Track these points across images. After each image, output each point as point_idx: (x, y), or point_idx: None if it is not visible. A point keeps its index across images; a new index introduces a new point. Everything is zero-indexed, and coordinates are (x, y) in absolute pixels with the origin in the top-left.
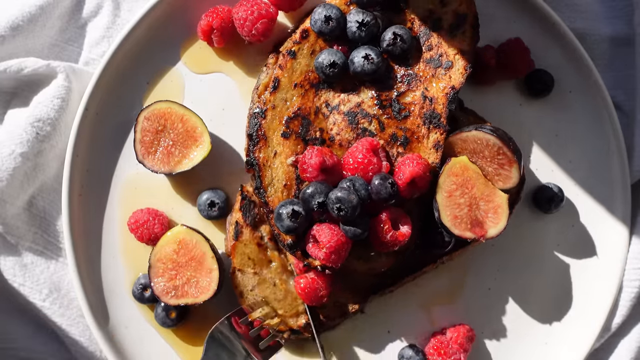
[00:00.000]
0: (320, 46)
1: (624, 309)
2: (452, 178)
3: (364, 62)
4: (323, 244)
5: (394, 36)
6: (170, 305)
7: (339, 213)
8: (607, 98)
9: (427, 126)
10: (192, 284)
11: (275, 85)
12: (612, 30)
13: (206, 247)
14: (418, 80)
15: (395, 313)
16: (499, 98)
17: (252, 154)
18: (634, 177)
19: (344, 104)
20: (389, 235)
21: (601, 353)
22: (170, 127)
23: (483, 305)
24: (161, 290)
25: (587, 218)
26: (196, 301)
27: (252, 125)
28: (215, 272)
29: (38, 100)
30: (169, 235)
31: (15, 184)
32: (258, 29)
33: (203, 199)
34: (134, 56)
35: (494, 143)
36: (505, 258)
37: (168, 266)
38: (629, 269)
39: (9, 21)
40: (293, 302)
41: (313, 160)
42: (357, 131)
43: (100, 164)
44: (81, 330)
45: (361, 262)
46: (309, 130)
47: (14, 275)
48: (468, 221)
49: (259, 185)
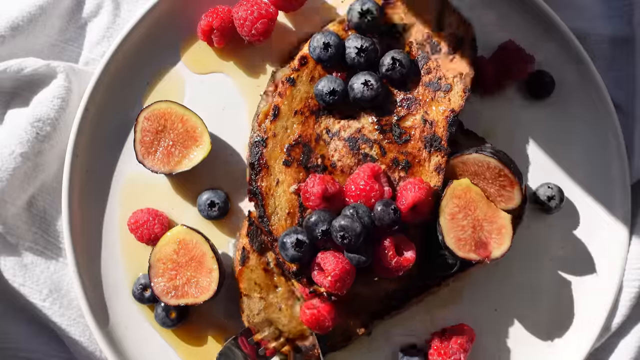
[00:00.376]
0: (319, 72)
1: (624, 309)
2: (455, 200)
3: (363, 89)
4: (328, 272)
5: (392, 61)
6: (171, 305)
7: (343, 241)
8: (607, 98)
9: (428, 150)
10: (192, 284)
11: (275, 113)
12: (612, 30)
13: (206, 247)
14: (418, 104)
15: (398, 319)
16: (499, 98)
17: (254, 183)
18: (634, 177)
19: (344, 130)
20: (393, 261)
21: (601, 353)
22: (170, 128)
23: (483, 305)
24: (161, 290)
25: (587, 218)
26: (196, 301)
27: (254, 154)
28: (215, 272)
29: (38, 100)
30: (168, 235)
31: (15, 183)
32: (258, 28)
33: (203, 199)
34: (134, 56)
35: (495, 165)
36: (505, 259)
37: (168, 266)
38: (629, 269)
39: (9, 21)
40: (298, 326)
41: (315, 189)
42: (359, 157)
43: (100, 164)
44: (81, 330)
45: (365, 287)
46: (311, 158)
47: (14, 276)
48: (472, 243)
49: (262, 214)
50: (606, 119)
